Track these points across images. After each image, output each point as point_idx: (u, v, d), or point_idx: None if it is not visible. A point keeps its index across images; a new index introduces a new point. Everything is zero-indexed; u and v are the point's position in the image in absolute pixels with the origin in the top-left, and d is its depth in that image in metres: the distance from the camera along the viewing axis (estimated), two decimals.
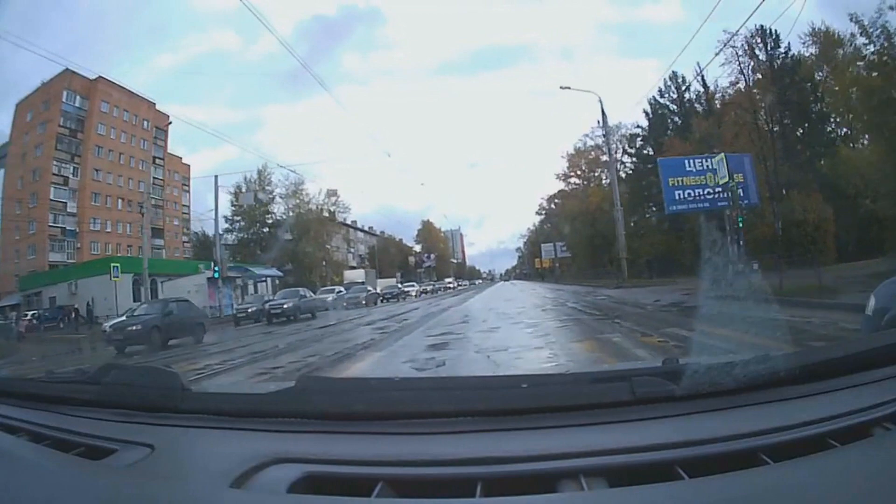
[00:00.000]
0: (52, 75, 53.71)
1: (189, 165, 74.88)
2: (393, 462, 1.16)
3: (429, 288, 65.31)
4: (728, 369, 1.32)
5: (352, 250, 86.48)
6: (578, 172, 64.86)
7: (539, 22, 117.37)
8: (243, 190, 67.60)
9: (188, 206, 76.13)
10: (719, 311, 7.26)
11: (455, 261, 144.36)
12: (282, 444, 1.29)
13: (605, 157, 58.52)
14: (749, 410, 1.28)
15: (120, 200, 63.35)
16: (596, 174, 61.51)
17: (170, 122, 64.25)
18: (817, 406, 1.26)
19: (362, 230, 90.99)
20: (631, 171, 53.37)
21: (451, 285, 79.65)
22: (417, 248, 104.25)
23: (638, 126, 50.02)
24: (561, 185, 66.84)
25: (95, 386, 1.67)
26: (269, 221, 68.43)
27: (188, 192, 74.86)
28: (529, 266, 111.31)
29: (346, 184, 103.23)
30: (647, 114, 49.35)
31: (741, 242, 26.48)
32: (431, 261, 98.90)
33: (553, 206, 78.98)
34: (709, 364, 1.37)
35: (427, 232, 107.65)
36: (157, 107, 64.90)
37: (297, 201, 67.43)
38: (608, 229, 51.76)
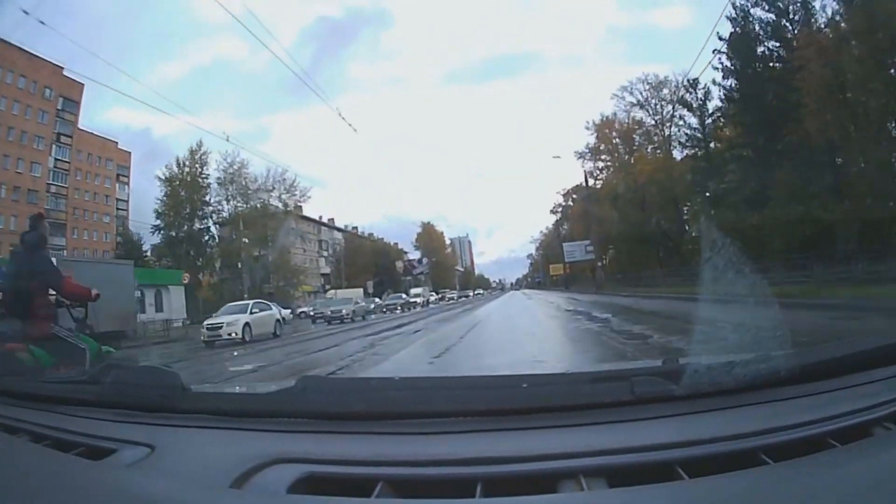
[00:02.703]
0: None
1: (129, 153, 58.82)
2: (393, 462, 1.16)
3: (344, 311, 32.98)
4: (728, 369, 1.32)
5: (325, 253, 69.36)
6: (609, 147, 49.31)
7: (547, 29, 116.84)
8: (175, 172, 52.05)
9: (126, 201, 60.36)
10: None
11: (460, 269, 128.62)
12: (282, 444, 1.28)
13: (651, 120, 42.97)
14: (749, 410, 1.27)
15: (3, 188, 48.15)
16: (636, 145, 46.03)
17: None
18: (817, 406, 1.26)
19: (325, 224, 71.75)
20: (698, 131, 37.83)
21: (419, 300, 52.84)
22: (417, 253, 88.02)
23: (724, 38, 32.18)
24: (584, 168, 51.46)
25: (95, 386, 1.67)
26: (202, 214, 52.87)
27: (127, 183, 59.42)
28: (543, 273, 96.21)
29: (352, 191, 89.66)
30: (732, 21, 31.24)
31: None
32: (424, 266, 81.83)
33: (571, 202, 63.31)
34: (709, 364, 1.37)
35: (427, 236, 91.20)
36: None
37: (241, 188, 52.26)
38: (668, 211, 36.14)
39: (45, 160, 50.41)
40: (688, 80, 38.54)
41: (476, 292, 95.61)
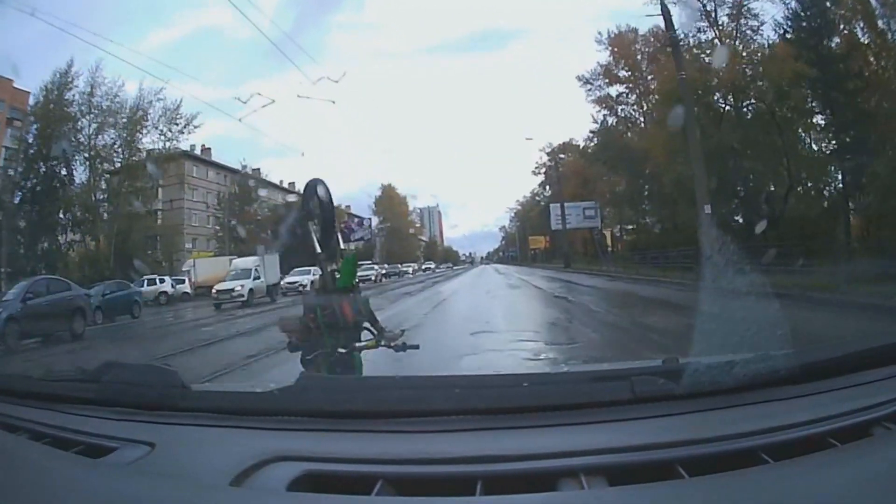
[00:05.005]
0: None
1: (28, 93, 40.17)
2: (393, 460, 1.16)
3: None
4: (728, 368, 1.32)
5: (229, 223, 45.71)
6: (630, 64, 34.49)
7: (532, 4, 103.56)
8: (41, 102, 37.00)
9: (23, 153, 42.89)
10: None
11: (424, 240, 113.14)
12: (282, 442, 1.28)
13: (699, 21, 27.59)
14: (749, 409, 1.28)
15: None
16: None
17: None
18: (817, 405, 1.26)
19: (221, 166, 48.66)
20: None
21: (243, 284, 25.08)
22: (374, 220, 71.03)
23: None
24: (591, 99, 36.41)
25: (95, 384, 1.65)
26: (65, 156, 37.02)
27: (21, 129, 41.96)
28: (518, 247, 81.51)
29: (327, 162, 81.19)
30: None
31: None
32: (366, 230, 64.77)
33: (560, 160, 48.43)
34: (709, 363, 1.37)
35: (387, 200, 74.29)
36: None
37: (106, 114, 36.73)
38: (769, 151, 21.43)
39: None
40: None
41: (425, 267, 70.46)
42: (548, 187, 53.48)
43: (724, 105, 24.99)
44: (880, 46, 22.18)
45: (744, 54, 24.04)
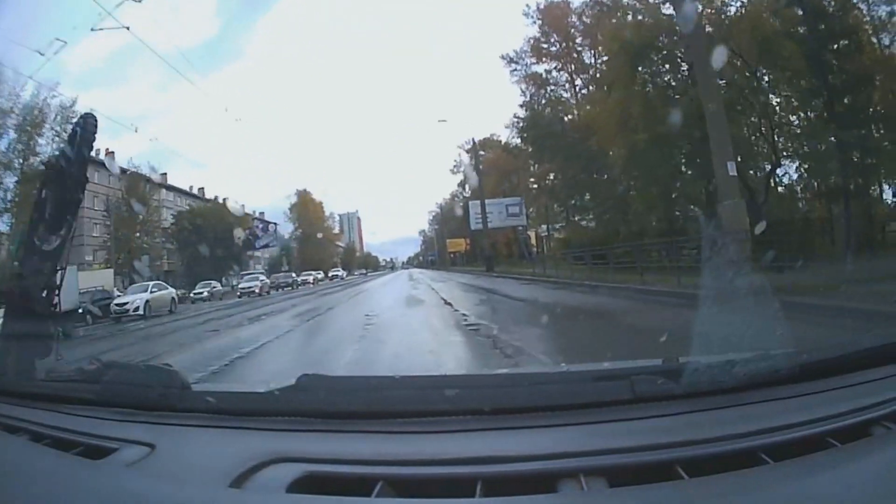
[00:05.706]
0: None
1: None
2: (393, 461, 1.16)
3: None
4: (728, 368, 1.31)
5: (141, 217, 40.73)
6: (563, 37, 30.12)
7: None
8: None
9: None
10: None
11: (342, 246, 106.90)
12: (282, 443, 1.28)
13: None
14: (749, 409, 1.27)
15: None
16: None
17: None
18: (817, 405, 1.25)
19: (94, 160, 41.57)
20: None
21: None
22: (289, 227, 63.51)
23: None
24: (515, 79, 31.87)
25: (95, 385, 1.64)
26: None
27: None
28: (438, 251, 77.00)
29: (244, 174, 79.80)
30: None
31: None
32: (271, 236, 57.55)
33: (480, 156, 44.22)
34: (709, 363, 1.37)
35: (303, 206, 67.28)
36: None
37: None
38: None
39: None
40: None
41: (332, 274, 59.77)
42: (467, 186, 49.01)
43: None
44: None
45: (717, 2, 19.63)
